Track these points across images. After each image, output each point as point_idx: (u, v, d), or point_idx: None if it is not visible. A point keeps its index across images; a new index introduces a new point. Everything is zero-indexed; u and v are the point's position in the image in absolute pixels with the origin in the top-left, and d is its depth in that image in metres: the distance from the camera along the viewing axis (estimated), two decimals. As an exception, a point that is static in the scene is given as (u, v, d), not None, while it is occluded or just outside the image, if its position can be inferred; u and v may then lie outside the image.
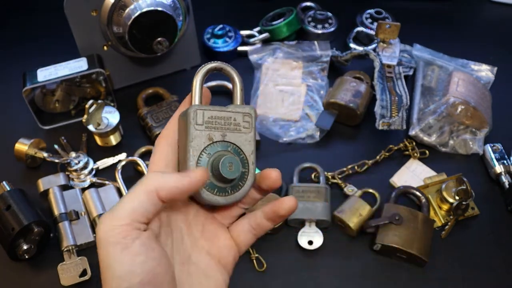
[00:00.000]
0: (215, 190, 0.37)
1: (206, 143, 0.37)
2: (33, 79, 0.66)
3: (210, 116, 0.38)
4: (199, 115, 0.38)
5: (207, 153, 0.37)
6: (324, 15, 0.82)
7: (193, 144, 0.37)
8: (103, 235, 0.33)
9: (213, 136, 0.38)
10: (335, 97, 0.69)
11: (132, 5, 0.63)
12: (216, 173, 0.37)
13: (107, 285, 0.33)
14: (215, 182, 0.37)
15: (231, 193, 0.38)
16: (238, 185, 0.38)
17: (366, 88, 0.70)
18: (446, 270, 0.58)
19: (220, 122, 0.39)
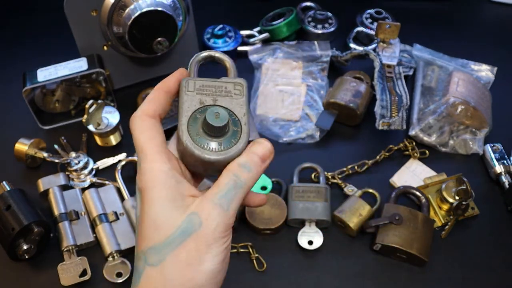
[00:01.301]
0: (208, 147, 0.38)
1: (197, 106, 0.40)
2: (33, 79, 0.66)
3: (201, 85, 0.41)
4: (190, 84, 0.41)
5: (199, 113, 0.39)
6: (324, 15, 0.82)
7: (184, 106, 0.39)
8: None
9: (204, 100, 0.40)
10: (335, 97, 0.69)
11: (132, 5, 0.63)
12: (206, 127, 0.38)
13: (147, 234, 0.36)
14: (208, 139, 0.38)
15: (224, 150, 0.38)
16: (231, 142, 0.39)
17: (366, 88, 0.70)
18: (446, 270, 0.58)
19: (211, 89, 0.41)
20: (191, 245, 0.36)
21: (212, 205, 0.37)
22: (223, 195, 0.37)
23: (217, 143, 0.38)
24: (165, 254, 0.36)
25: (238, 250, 0.59)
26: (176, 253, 0.36)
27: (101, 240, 0.59)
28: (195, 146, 0.38)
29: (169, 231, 0.36)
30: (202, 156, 0.38)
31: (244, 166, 0.38)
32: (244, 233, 0.61)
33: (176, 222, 0.37)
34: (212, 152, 0.38)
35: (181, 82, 0.41)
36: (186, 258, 0.36)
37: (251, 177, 0.38)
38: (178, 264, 0.36)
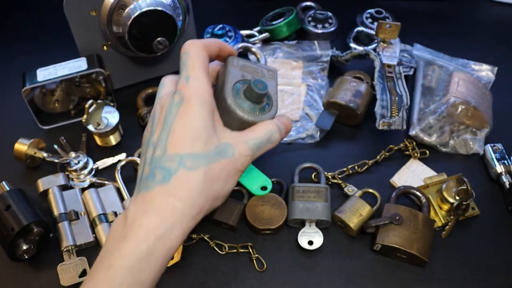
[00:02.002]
0: (249, 110, 0.48)
1: (239, 78, 0.49)
2: (32, 79, 0.66)
3: (243, 64, 0.51)
4: (235, 61, 0.50)
5: (241, 83, 0.49)
6: (324, 15, 0.82)
7: (230, 76, 0.49)
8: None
9: (245, 76, 0.50)
10: (335, 97, 0.69)
11: (132, 4, 0.63)
12: (249, 93, 0.47)
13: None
14: (250, 104, 0.48)
15: (258, 114, 0.48)
16: (265, 109, 0.49)
17: (366, 88, 0.70)
18: (447, 270, 0.58)
19: (251, 69, 0.51)
20: (223, 165, 0.44)
21: (245, 147, 0.45)
22: (256, 143, 0.46)
23: (254, 108, 0.48)
24: (203, 164, 0.43)
25: (238, 250, 0.59)
26: (212, 166, 0.43)
27: (101, 241, 0.59)
28: (237, 106, 0.47)
29: (207, 146, 0.43)
30: (241, 115, 0.47)
31: (279, 128, 0.48)
32: (244, 233, 0.61)
33: (214, 141, 0.44)
34: (249, 114, 0.47)
35: (228, 58, 0.50)
36: (218, 173, 0.44)
37: (279, 138, 0.49)
38: (211, 176, 0.43)
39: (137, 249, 0.40)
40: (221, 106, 0.47)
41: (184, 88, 0.45)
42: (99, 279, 0.40)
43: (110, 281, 0.40)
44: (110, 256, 0.41)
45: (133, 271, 0.40)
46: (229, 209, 0.61)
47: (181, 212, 0.42)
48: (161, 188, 0.42)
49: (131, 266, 0.40)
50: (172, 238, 0.41)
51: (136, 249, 0.40)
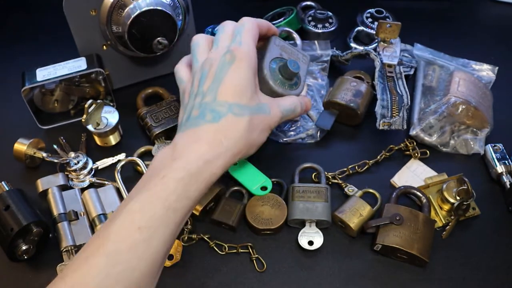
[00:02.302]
0: (280, 83, 0.57)
1: (277, 55, 0.59)
2: (32, 78, 0.66)
3: (283, 45, 0.61)
4: (277, 40, 0.60)
5: (278, 60, 0.58)
6: (324, 15, 0.82)
7: (270, 52, 0.58)
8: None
9: (283, 55, 0.59)
10: (336, 96, 0.68)
11: (132, 4, 0.63)
12: (283, 69, 0.57)
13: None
14: (282, 79, 0.57)
15: (287, 89, 0.58)
16: (293, 86, 0.59)
17: (367, 87, 0.70)
18: (447, 270, 0.58)
19: (288, 51, 0.61)
20: (261, 119, 0.53)
21: (277, 109, 0.56)
22: (285, 109, 0.56)
23: (285, 83, 0.58)
24: (247, 113, 0.52)
25: (238, 250, 0.59)
26: (253, 117, 0.52)
27: (101, 241, 0.59)
28: (271, 78, 0.56)
29: (252, 100, 0.53)
30: (274, 86, 0.57)
31: (301, 104, 0.59)
32: (244, 233, 0.61)
33: (255, 99, 0.53)
34: (279, 87, 0.57)
35: (271, 37, 0.60)
36: (257, 124, 0.53)
37: (300, 112, 0.59)
38: (251, 125, 0.52)
39: (188, 166, 0.47)
40: (258, 75, 0.56)
41: (237, 50, 0.54)
42: (151, 186, 0.46)
43: (164, 188, 0.46)
44: (161, 171, 0.47)
45: (183, 183, 0.46)
46: (229, 209, 0.61)
47: (226, 146, 0.50)
48: (211, 126, 0.50)
49: (182, 179, 0.46)
50: (217, 165, 0.49)
51: (187, 166, 0.47)
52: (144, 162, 0.65)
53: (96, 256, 0.43)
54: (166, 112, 0.69)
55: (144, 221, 0.44)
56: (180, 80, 0.60)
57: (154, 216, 0.44)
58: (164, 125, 0.68)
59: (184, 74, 0.60)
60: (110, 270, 0.42)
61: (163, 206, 0.45)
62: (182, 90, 0.58)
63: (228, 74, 0.52)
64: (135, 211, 0.45)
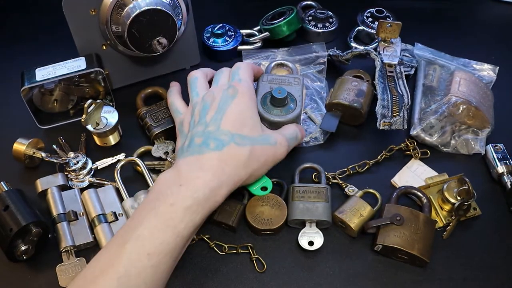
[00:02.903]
0: (276, 113, 0.60)
1: (267, 90, 0.62)
2: (31, 78, 0.66)
3: (272, 78, 0.64)
4: (265, 77, 0.64)
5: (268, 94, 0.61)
6: (324, 14, 0.82)
7: (260, 90, 0.62)
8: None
9: (272, 87, 0.62)
10: (338, 97, 0.68)
11: (131, 3, 0.63)
12: (272, 100, 0.60)
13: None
14: (276, 108, 0.60)
15: (284, 115, 0.60)
16: (289, 110, 0.61)
17: (368, 86, 0.69)
18: (448, 270, 0.58)
19: (278, 81, 0.63)
20: (265, 150, 0.55)
21: (283, 138, 0.57)
22: (290, 137, 0.59)
23: (281, 110, 0.60)
24: (249, 144, 0.54)
25: (238, 250, 0.59)
26: (256, 147, 0.54)
27: (100, 241, 0.59)
28: (266, 113, 0.60)
29: (254, 131, 0.55)
30: (271, 118, 0.59)
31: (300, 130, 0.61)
32: (244, 233, 0.61)
33: (259, 130, 0.56)
34: (277, 116, 0.60)
35: (259, 77, 0.64)
36: (259, 155, 0.54)
37: (300, 139, 0.61)
38: (253, 155, 0.54)
39: (195, 195, 0.49)
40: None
41: (238, 85, 0.58)
42: (161, 213, 0.48)
43: (173, 216, 0.48)
44: (169, 197, 0.49)
45: (190, 212, 0.48)
46: (229, 209, 0.60)
47: (228, 174, 0.52)
48: (215, 154, 0.52)
49: (189, 207, 0.49)
50: (220, 193, 0.51)
51: (194, 195, 0.49)
52: (144, 162, 0.65)
53: (107, 278, 0.44)
54: (166, 112, 0.69)
55: (154, 247, 0.46)
56: (176, 111, 0.63)
57: (163, 243, 0.47)
58: (164, 125, 0.68)
59: (180, 106, 0.63)
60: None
61: (173, 233, 0.47)
62: (180, 120, 0.61)
63: (231, 106, 0.55)
64: (145, 238, 0.47)
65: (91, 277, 0.45)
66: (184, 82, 0.72)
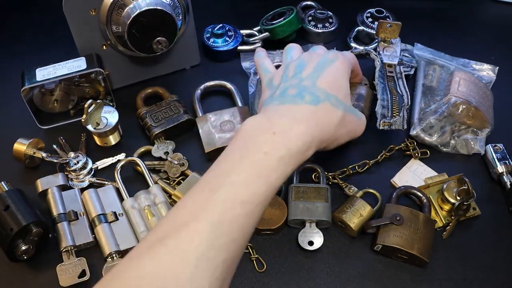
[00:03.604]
0: None
1: None
2: (31, 78, 0.66)
3: None
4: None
5: None
6: (324, 14, 0.82)
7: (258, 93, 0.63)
8: None
9: None
10: None
11: (132, 4, 0.63)
12: None
13: None
14: None
15: None
16: None
17: (367, 89, 0.69)
18: (447, 270, 0.58)
19: None
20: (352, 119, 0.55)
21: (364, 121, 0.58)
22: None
23: None
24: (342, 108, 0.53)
25: (238, 250, 0.59)
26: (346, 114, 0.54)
27: (100, 241, 0.59)
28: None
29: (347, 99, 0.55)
30: None
31: None
32: (244, 233, 0.61)
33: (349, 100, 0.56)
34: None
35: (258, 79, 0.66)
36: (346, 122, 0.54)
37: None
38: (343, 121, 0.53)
39: (289, 145, 0.47)
40: None
41: (340, 53, 0.57)
42: (255, 162, 0.46)
43: (268, 165, 0.46)
44: (262, 145, 0.47)
45: (284, 162, 0.46)
46: (229, 209, 0.60)
47: (320, 131, 0.50)
48: (309, 107, 0.51)
49: (283, 157, 0.46)
50: (311, 147, 0.49)
51: (288, 145, 0.47)
52: (144, 162, 0.65)
53: (199, 222, 0.42)
54: (166, 112, 0.69)
55: (247, 196, 0.44)
56: (265, 70, 0.61)
57: (257, 192, 0.45)
58: (164, 125, 0.68)
59: (269, 65, 0.62)
60: (214, 241, 0.41)
61: (266, 183, 0.45)
62: (268, 78, 0.59)
63: (330, 68, 0.54)
64: (239, 184, 0.44)
65: (181, 221, 0.42)
66: (184, 82, 0.73)
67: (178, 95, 0.72)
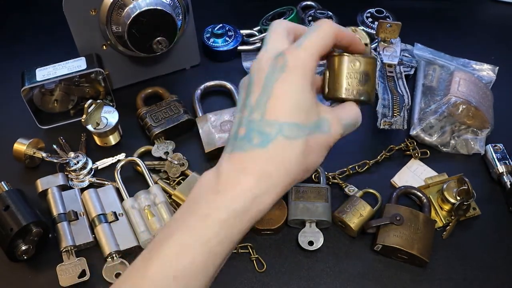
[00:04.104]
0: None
1: None
2: (31, 78, 0.66)
3: None
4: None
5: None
6: (324, 14, 0.82)
7: None
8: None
9: None
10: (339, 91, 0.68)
11: (132, 4, 0.63)
12: None
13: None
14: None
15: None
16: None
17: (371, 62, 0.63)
18: (447, 270, 0.58)
19: None
20: (319, 139, 0.43)
21: (339, 125, 0.45)
22: (347, 124, 0.46)
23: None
24: (301, 135, 0.42)
25: (238, 250, 0.59)
26: (309, 138, 0.42)
27: (100, 241, 0.59)
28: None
29: (308, 118, 0.42)
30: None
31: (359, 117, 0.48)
32: (244, 233, 0.61)
33: (313, 115, 0.43)
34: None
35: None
36: (313, 146, 0.43)
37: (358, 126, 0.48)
38: (307, 148, 0.42)
39: (234, 206, 0.40)
40: None
41: (291, 54, 0.43)
42: (193, 227, 0.40)
43: (206, 231, 0.40)
44: (203, 207, 0.41)
45: (227, 226, 0.40)
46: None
47: (277, 178, 0.42)
48: (258, 152, 0.42)
49: (225, 220, 0.40)
50: (264, 201, 0.41)
51: (232, 205, 0.40)
52: (144, 162, 0.65)
53: None
54: (166, 112, 0.69)
55: (181, 269, 0.39)
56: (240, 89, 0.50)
57: (193, 262, 0.39)
58: (164, 125, 0.68)
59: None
60: None
61: (203, 250, 0.40)
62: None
63: (277, 85, 0.42)
64: (172, 256, 0.39)
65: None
66: (184, 82, 0.73)
67: (178, 95, 0.72)
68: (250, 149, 0.42)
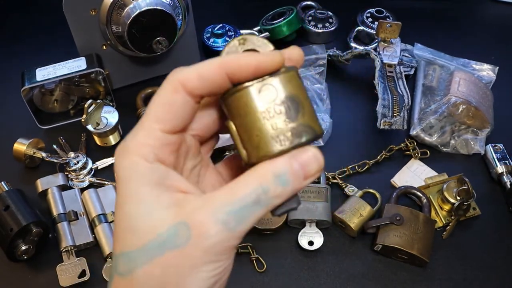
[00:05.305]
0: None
1: None
2: (31, 78, 0.66)
3: None
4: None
5: None
6: (324, 14, 0.82)
7: None
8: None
9: None
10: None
11: (132, 4, 0.63)
12: None
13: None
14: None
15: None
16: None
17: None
18: (447, 270, 0.58)
19: None
20: (170, 262, 0.28)
21: (213, 221, 0.27)
22: (234, 211, 0.27)
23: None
24: (136, 266, 0.28)
25: (238, 250, 0.59)
26: (149, 267, 0.28)
27: (100, 241, 0.59)
28: None
29: (147, 237, 0.28)
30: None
31: (280, 178, 0.28)
32: (244, 233, 0.61)
33: (158, 228, 0.28)
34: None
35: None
36: (161, 276, 0.28)
37: (282, 195, 0.28)
38: (150, 282, 0.28)
39: None
40: None
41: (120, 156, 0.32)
42: None
43: None
44: None
45: None
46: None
47: None
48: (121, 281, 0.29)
49: None
50: None
51: None
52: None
53: None
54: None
55: None
56: None
57: None
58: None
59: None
60: None
61: None
62: None
63: (116, 213, 0.30)
64: None
65: None
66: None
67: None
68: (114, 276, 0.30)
